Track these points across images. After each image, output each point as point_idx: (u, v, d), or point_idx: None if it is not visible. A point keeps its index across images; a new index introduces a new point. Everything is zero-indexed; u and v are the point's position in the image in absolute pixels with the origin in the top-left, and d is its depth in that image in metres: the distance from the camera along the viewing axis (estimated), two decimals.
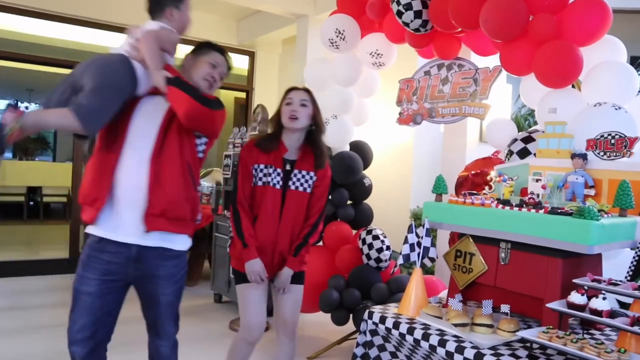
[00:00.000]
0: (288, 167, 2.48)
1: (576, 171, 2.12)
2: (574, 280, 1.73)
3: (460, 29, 3.02)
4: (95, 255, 1.97)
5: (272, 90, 7.74)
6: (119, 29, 6.89)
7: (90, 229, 2.03)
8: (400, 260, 2.03)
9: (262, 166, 2.44)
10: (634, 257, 1.87)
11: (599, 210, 1.80)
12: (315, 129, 2.56)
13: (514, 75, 2.86)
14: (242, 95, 8.47)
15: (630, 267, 1.87)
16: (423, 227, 2.06)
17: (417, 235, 2.08)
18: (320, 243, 4.06)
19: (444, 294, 3.06)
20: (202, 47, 2.28)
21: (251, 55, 8.09)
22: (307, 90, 2.60)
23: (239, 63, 8.20)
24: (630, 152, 2.02)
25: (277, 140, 2.51)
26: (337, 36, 3.69)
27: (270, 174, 2.43)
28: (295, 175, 2.48)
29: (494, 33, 2.65)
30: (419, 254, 2.04)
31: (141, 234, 1.95)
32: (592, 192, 2.08)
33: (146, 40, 1.97)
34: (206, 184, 5.48)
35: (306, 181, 2.48)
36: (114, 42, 7.11)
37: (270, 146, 2.48)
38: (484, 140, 4.08)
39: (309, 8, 6.10)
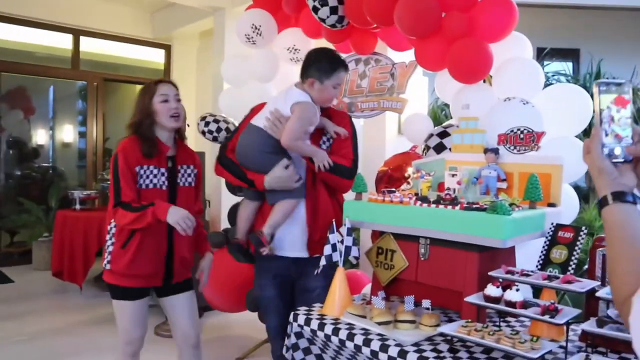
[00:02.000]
0: (170, 164, 2.57)
1: (489, 165, 2.18)
2: (489, 273, 1.79)
3: (375, 25, 3.04)
4: None
5: (190, 84, 7.55)
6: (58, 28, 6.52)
7: None
8: (323, 262, 2.02)
9: (145, 167, 2.47)
10: (543, 247, 1.95)
11: (511, 204, 1.87)
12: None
13: (428, 70, 2.92)
14: None
15: (540, 257, 1.95)
16: (344, 226, 2.05)
17: (340, 234, 2.08)
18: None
19: (368, 289, 3.10)
20: (326, 66, 2.36)
21: (167, 48, 7.86)
22: (175, 85, 2.65)
23: (155, 57, 7.93)
24: (538, 146, 2.11)
25: (155, 142, 2.54)
26: (254, 32, 3.62)
27: (156, 175, 2.49)
28: (179, 171, 2.60)
29: (408, 30, 2.69)
30: (341, 254, 2.04)
31: None
32: (504, 185, 2.15)
33: (289, 130, 2.27)
34: None
35: (189, 175, 2.63)
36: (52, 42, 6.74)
37: (154, 151, 2.51)
38: (402, 132, 4.16)
39: (225, 1, 5.97)
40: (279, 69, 3.81)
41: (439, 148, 2.63)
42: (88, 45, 7.24)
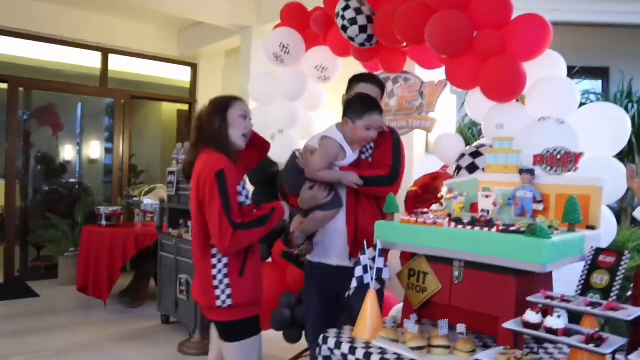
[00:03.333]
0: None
1: (524, 186, 2.13)
2: (528, 299, 1.73)
3: (405, 44, 3.03)
4: None
5: None
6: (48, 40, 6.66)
7: None
8: (354, 283, 1.98)
9: (242, 183, 2.33)
10: (583, 271, 1.89)
11: (549, 227, 1.81)
12: None
13: (459, 89, 2.89)
14: (185, 107, 8.28)
15: (580, 282, 1.88)
16: (375, 247, 2.01)
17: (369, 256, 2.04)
18: (270, 259, 3.97)
19: (397, 310, 3.04)
20: (358, 107, 2.37)
21: (193, 67, 7.94)
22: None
23: (181, 75, 8.03)
24: (576, 167, 2.05)
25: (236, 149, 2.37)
26: (282, 50, 3.63)
27: (248, 191, 2.41)
28: None
29: (439, 48, 2.67)
30: (372, 276, 1.99)
31: None
32: (540, 207, 2.09)
33: (311, 163, 2.38)
34: (150, 202, 5.29)
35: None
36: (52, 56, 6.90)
37: (237, 157, 2.34)
38: (431, 151, 4.11)
39: (252, 19, 6.03)
40: (307, 88, 3.81)
41: (472, 168, 2.58)
42: (116, 63, 7.35)
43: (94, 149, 8.12)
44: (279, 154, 3.79)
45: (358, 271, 1.98)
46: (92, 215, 6.17)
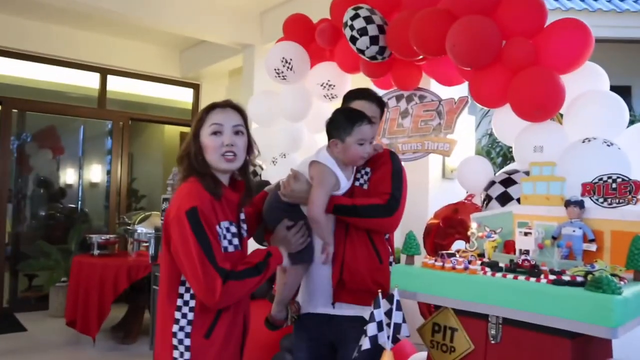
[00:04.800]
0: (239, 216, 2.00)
1: (572, 222, 1.76)
2: None
3: (422, 56, 2.68)
4: None
5: None
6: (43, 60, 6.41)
7: None
8: (367, 345, 1.60)
9: (225, 224, 1.84)
10: None
11: (613, 275, 1.43)
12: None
13: (485, 107, 2.53)
14: (187, 129, 7.98)
15: None
16: (392, 298, 1.63)
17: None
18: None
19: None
20: (344, 122, 2.03)
21: (196, 87, 7.67)
22: (239, 109, 1.94)
23: (183, 96, 7.75)
24: (637, 199, 1.68)
25: (217, 180, 1.88)
26: (284, 66, 3.29)
27: (234, 234, 1.88)
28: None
29: (462, 60, 2.32)
30: (388, 334, 1.61)
31: None
32: (593, 247, 1.72)
33: (314, 200, 1.98)
34: (144, 230, 4.94)
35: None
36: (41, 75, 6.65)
37: (219, 191, 1.85)
38: (448, 177, 3.75)
39: (255, 37, 5.74)
40: (312, 107, 3.46)
41: (504, 199, 2.21)
42: (115, 84, 7.08)
43: (95, 173, 7.81)
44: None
45: (371, 329, 1.60)
46: (85, 243, 5.82)
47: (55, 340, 5.14)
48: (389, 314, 1.64)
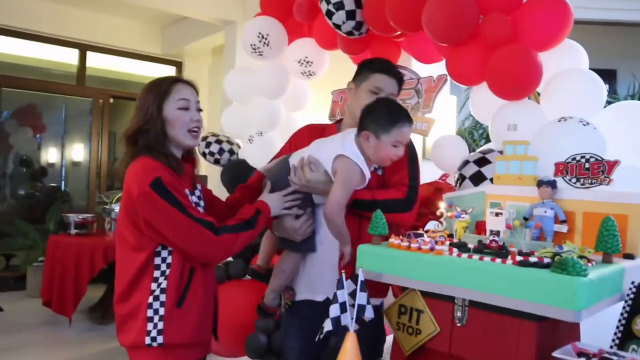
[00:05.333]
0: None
1: (544, 202, 1.71)
2: (554, 355, 1.31)
3: (399, 32, 2.61)
4: None
5: (201, 103, 7.17)
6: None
7: None
8: (329, 326, 1.55)
9: (187, 192, 1.79)
10: (622, 315, 1.47)
11: (581, 257, 1.39)
12: None
13: (462, 84, 2.47)
14: None
15: (618, 328, 1.46)
16: (355, 279, 1.58)
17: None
18: (247, 276, 3.54)
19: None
20: (385, 118, 1.82)
21: (178, 65, 7.54)
22: (196, 88, 1.91)
23: (166, 74, 7.59)
24: (609, 179, 1.63)
25: (175, 156, 1.81)
26: (260, 41, 3.21)
27: (197, 203, 1.84)
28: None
29: (438, 35, 2.25)
30: (352, 316, 1.56)
31: None
32: (564, 228, 1.68)
33: (334, 199, 1.82)
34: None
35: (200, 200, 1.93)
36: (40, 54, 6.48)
37: (182, 166, 1.81)
38: (428, 157, 3.69)
39: (237, 14, 5.62)
40: (289, 84, 3.39)
41: (477, 178, 2.16)
42: (95, 61, 6.93)
43: (77, 152, 7.68)
44: (257, 159, 3.38)
45: (333, 310, 1.55)
46: (63, 222, 5.72)
47: (32, 321, 5.07)
48: (353, 295, 1.59)
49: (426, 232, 1.74)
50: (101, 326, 4.92)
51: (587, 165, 1.68)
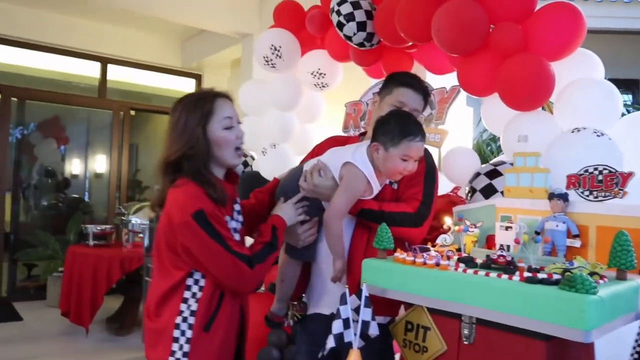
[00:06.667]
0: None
1: (555, 216, 1.66)
2: None
3: (410, 43, 2.58)
4: None
5: None
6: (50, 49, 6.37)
7: None
8: (331, 343, 1.52)
9: (227, 219, 1.77)
10: (638, 334, 1.40)
11: (591, 274, 1.34)
12: None
13: (473, 95, 2.42)
14: None
15: (634, 348, 1.40)
16: (360, 294, 1.55)
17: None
18: (262, 289, 3.52)
19: None
20: (394, 130, 1.77)
21: (197, 78, 7.60)
22: (231, 99, 1.84)
23: (185, 86, 7.68)
24: (624, 192, 1.58)
25: (220, 184, 1.74)
26: (273, 53, 3.21)
27: (236, 230, 1.81)
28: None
29: (448, 45, 2.21)
30: (355, 332, 1.53)
31: None
32: (577, 243, 1.62)
33: (335, 205, 1.81)
34: (138, 221, 4.88)
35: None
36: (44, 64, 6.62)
37: (225, 196, 1.73)
38: (441, 170, 3.64)
39: (253, 27, 5.64)
40: (302, 96, 3.38)
41: (488, 191, 2.11)
42: (116, 74, 7.03)
43: (100, 163, 7.79)
44: (270, 171, 3.36)
45: (336, 327, 1.52)
46: (82, 233, 5.79)
47: (50, 330, 5.11)
48: (357, 310, 1.56)
49: (433, 246, 1.70)
50: (118, 337, 4.94)
51: (600, 177, 1.63)
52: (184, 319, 1.66)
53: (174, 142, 1.71)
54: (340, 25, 2.69)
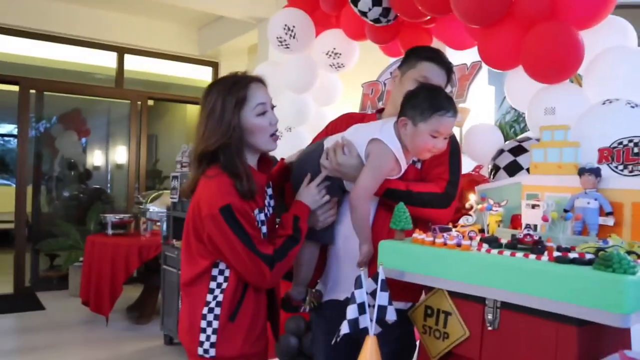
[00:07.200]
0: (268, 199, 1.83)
1: (586, 192, 1.54)
2: None
3: (429, 17, 2.46)
4: None
5: None
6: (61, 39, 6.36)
7: None
8: (345, 329, 1.43)
9: (256, 212, 1.73)
10: None
11: (629, 253, 1.22)
12: None
13: (496, 69, 2.30)
14: None
15: None
16: (376, 278, 1.45)
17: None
18: None
19: None
20: (424, 104, 1.67)
21: (214, 66, 7.54)
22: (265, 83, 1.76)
23: (203, 75, 7.63)
24: None
25: (252, 176, 1.68)
26: (287, 34, 3.12)
27: (264, 222, 1.76)
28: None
29: (469, 16, 2.09)
30: (371, 317, 1.44)
31: None
32: (610, 221, 1.50)
33: (361, 185, 1.71)
34: (156, 209, 4.85)
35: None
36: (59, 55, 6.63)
37: (254, 188, 1.67)
38: (462, 151, 3.52)
39: (269, 11, 5.54)
40: (318, 78, 3.28)
41: (513, 169, 1.99)
42: (133, 63, 7.01)
43: (120, 154, 7.83)
44: (286, 155, 3.28)
45: (351, 312, 1.43)
46: (102, 223, 5.81)
47: (71, 320, 5.14)
48: (373, 294, 1.47)
49: (455, 226, 1.60)
50: (138, 325, 4.94)
51: (635, 149, 1.51)
52: (210, 310, 1.66)
53: (212, 132, 1.65)
54: (355, 1, 2.58)
